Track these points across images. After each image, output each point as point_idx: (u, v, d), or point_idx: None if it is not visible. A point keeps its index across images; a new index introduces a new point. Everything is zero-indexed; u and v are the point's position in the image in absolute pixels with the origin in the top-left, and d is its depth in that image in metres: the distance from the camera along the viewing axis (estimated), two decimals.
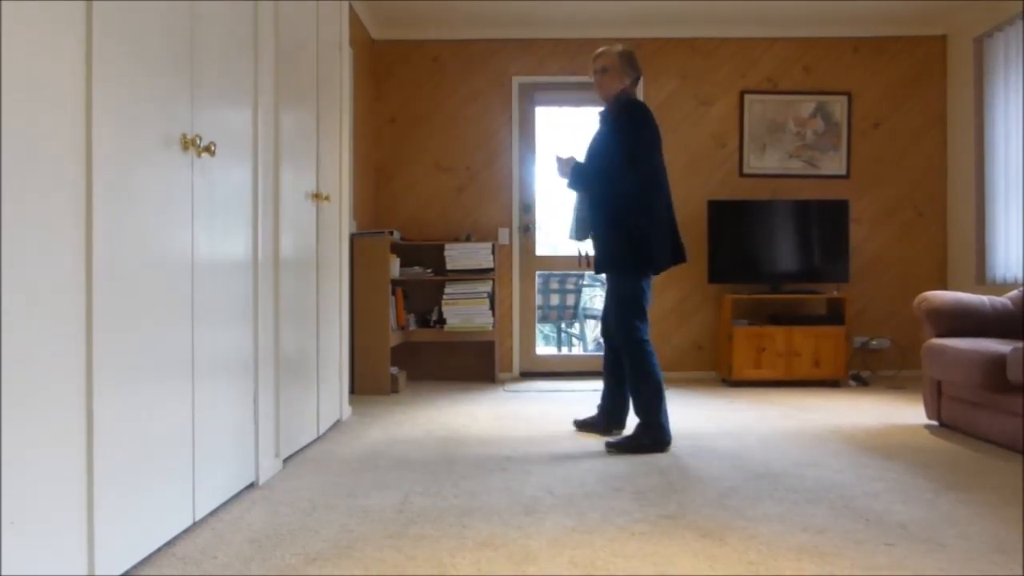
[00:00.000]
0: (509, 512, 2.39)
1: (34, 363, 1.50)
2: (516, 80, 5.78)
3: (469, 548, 2.07)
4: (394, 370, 5.03)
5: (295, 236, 3.16)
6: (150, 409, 1.95)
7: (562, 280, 6.86)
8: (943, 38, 5.75)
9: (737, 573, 1.89)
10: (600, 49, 3.57)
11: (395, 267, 5.13)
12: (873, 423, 3.92)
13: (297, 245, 3.19)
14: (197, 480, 2.22)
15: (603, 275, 3.72)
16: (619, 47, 3.54)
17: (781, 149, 5.76)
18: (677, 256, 3.49)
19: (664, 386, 3.38)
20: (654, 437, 3.27)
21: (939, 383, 3.77)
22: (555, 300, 6.94)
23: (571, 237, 3.67)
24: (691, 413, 4.22)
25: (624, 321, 3.39)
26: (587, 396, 4.81)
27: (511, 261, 5.76)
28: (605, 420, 3.67)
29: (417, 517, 2.34)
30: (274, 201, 2.89)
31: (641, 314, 3.41)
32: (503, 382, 5.47)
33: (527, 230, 5.79)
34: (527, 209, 5.80)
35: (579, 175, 3.51)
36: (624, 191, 3.38)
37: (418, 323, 5.55)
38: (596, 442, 3.45)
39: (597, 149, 3.53)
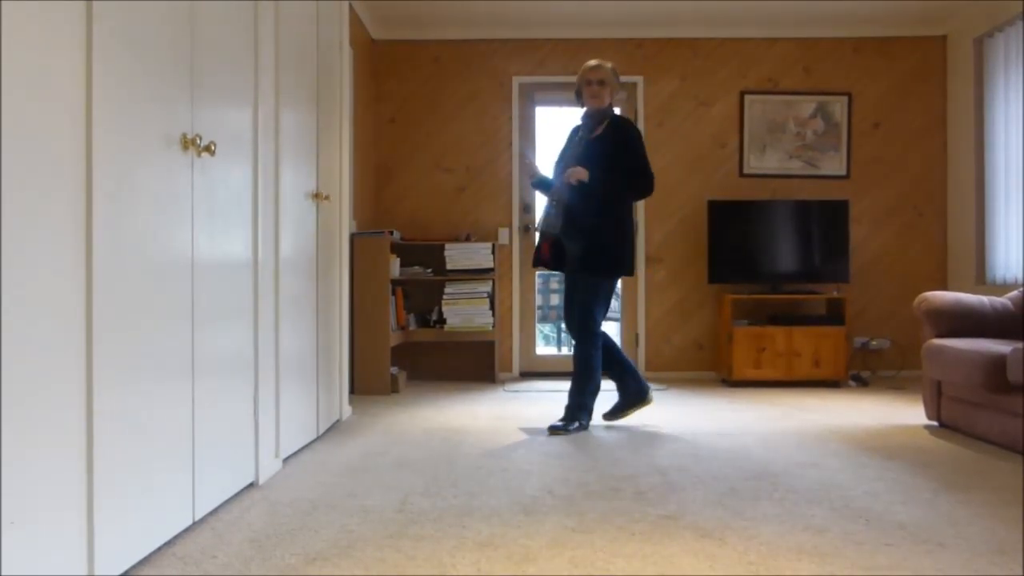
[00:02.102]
0: (509, 512, 2.39)
1: (34, 363, 1.50)
2: (516, 80, 5.78)
3: (469, 548, 2.07)
4: (394, 370, 5.03)
5: (295, 236, 3.16)
6: (150, 409, 1.95)
7: (562, 280, 6.85)
8: (943, 38, 5.75)
9: (737, 573, 1.89)
10: (594, 63, 3.83)
11: (395, 267, 5.13)
12: (873, 423, 3.92)
13: (297, 245, 3.19)
14: (197, 479, 2.22)
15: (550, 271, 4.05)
16: (609, 64, 3.84)
17: (781, 149, 5.76)
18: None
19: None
20: (589, 408, 3.74)
21: (939, 383, 3.77)
22: (555, 300, 6.94)
23: (545, 230, 3.88)
24: (691, 413, 4.22)
25: (592, 314, 3.73)
26: None
27: (511, 261, 5.76)
28: (626, 398, 3.91)
29: (417, 517, 2.34)
30: (274, 201, 2.89)
31: (606, 310, 3.84)
32: (503, 382, 5.47)
33: (527, 230, 5.79)
34: (527, 209, 5.80)
35: (589, 184, 3.70)
36: (634, 197, 3.85)
37: (418, 323, 5.55)
38: (595, 442, 3.45)
39: (599, 153, 3.73)
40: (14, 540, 1.43)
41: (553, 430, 3.64)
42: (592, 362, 3.73)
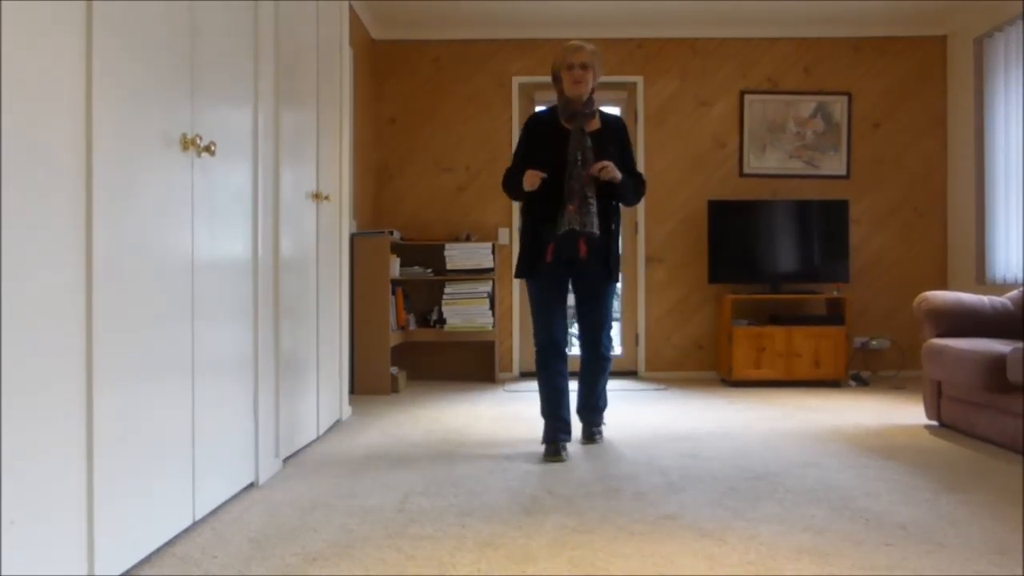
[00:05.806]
0: (509, 512, 2.39)
1: (34, 363, 1.50)
2: (516, 80, 5.78)
3: (469, 548, 2.07)
4: (394, 370, 5.03)
5: (295, 236, 3.16)
6: (150, 409, 1.95)
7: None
8: (943, 38, 5.75)
9: (737, 573, 1.89)
10: (575, 43, 3.29)
11: (395, 267, 5.13)
12: (873, 423, 3.92)
13: (297, 245, 3.19)
14: (197, 480, 2.22)
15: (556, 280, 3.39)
16: (591, 45, 3.32)
17: (781, 149, 5.76)
18: None
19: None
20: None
21: (939, 383, 3.77)
22: None
23: (583, 229, 3.18)
24: (691, 413, 4.22)
25: (609, 329, 3.46)
26: None
27: (511, 261, 5.75)
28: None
29: (417, 517, 2.34)
30: (274, 201, 2.89)
31: None
32: (503, 382, 5.47)
33: None
34: None
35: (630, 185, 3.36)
36: (632, 203, 3.48)
37: (418, 323, 5.55)
38: (596, 443, 3.44)
39: (607, 155, 3.23)
40: (14, 540, 1.43)
41: (592, 439, 3.42)
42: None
